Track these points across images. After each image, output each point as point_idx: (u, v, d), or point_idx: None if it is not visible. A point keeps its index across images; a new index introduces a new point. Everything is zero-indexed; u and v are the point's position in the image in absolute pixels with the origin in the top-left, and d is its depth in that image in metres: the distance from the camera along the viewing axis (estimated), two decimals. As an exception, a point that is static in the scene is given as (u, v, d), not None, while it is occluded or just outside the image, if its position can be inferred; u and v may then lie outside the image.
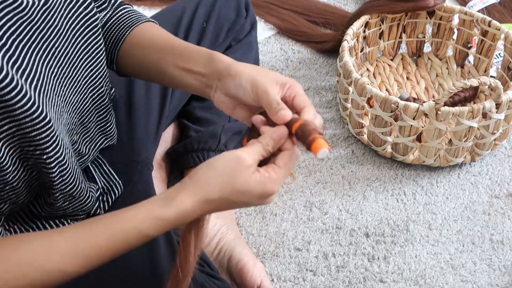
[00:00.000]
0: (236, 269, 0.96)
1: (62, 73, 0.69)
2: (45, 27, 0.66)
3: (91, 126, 0.81)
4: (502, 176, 1.18)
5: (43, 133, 0.63)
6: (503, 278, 1.01)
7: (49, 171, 0.66)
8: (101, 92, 0.79)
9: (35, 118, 0.61)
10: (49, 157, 0.65)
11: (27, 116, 0.61)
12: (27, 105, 0.60)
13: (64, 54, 0.69)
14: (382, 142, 1.17)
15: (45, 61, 0.66)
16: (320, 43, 1.49)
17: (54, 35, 0.67)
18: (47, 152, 0.64)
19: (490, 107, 1.06)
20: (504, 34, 1.25)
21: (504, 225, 1.09)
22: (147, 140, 0.97)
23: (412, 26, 1.39)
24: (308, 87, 1.39)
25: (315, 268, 1.03)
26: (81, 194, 0.74)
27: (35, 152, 0.64)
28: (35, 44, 0.64)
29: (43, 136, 0.63)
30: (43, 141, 0.63)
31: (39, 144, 0.63)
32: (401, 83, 1.37)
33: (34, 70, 0.63)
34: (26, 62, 0.62)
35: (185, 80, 0.75)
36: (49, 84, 0.66)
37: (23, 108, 0.60)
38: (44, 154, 0.64)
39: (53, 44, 0.67)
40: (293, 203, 1.13)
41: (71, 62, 0.71)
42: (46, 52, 0.66)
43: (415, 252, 1.05)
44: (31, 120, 0.61)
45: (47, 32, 0.66)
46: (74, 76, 0.72)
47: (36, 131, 0.62)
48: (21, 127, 0.61)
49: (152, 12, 1.49)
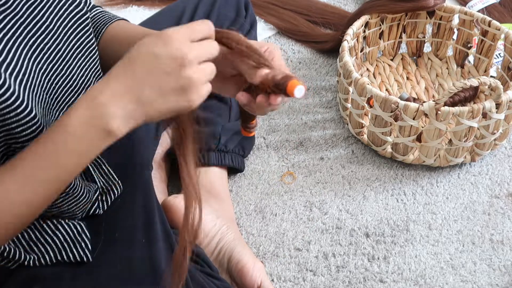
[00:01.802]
0: (236, 269, 0.96)
1: (53, 71, 0.69)
2: (31, 22, 0.65)
3: None
4: (502, 176, 1.18)
5: (29, 128, 0.62)
6: (503, 278, 1.01)
7: None
8: None
9: (20, 113, 0.61)
10: None
11: (12, 111, 0.60)
12: (10, 99, 0.59)
13: (55, 51, 0.69)
14: (382, 142, 1.17)
15: (32, 56, 0.65)
16: (320, 43, 1.49)
17: (42, 31, 0.67)
18: None
19: (490, 107, 1.06)
20: (504, 34, 1.25)
21: (504, 225, 1.09)
22: (147, 140, 0.97)
23: (412, 26, 1.39)
24: (308, 87, 1.39)
25: (315, 268, 1.03)
26: (76, 191, 0.74)
27: (22, 148, 0.63)
28: (20, 38, 0.64)
29: (28, 132, 0.63)
30: (30, 137, 0.63)
31: (26, 140, 0.63)
32: (401, 83, 1.37)
33: (19, 65, 0.63)
34: (11, 57, 0.61)
35: None
36: (37, 80, 0.66)
37: (7, 102, 0.59)
38: None
39: (42, 40, 0.67)
40: (293, 203, 1.13)
41: (63, 60, 0.71)
42: (34, 48, 0.66)
43: (415, 252, 1.05)
44: (16, 115, 0.61)
45: (34, 28, 0.66)
46: (68, 74, 0.72)
47: (21, 126, 0.62)
48: (5, 122, 0.61)
49: (152, 12, 1.49)
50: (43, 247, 0.74)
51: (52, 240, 0.74)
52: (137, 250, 0.76)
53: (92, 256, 0.76)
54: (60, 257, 0.74)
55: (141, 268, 0.74)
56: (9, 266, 0.73)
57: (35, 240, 0.74)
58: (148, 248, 0.76)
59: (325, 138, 1.26)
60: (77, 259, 0.74)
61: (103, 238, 0.77)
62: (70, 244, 0.75)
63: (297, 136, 1.27)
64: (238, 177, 1.18)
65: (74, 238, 0.75)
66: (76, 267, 0.74)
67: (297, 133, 1.28)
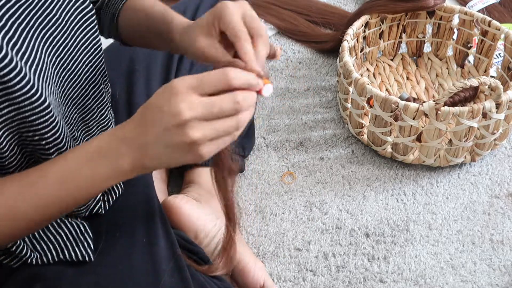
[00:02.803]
0: (237, 269, 0.96)
1: (61, 64, 0.70)
2: (42, 14, 0.66)
3: (93, 125, 0.81)
4: (502, 176, 1.18)
5: (42, 117, 0.63)
6: (503, 278, 1.01)
7: (48, 158, 0.66)
8: (101, 90, 0.80)
9: (34, 101, 0.61)
10: (48, 143, 0.65)
11: (26, 99, 0.60)
12: (26, 87, 0.60)
13: (63, 45, 0.70)
14: (382, 142, 1.17)
15: (44, 48, 0.66)
16: (320, 43, 1.49)
17: (52, 24, 0.68)
18: (46, 137, 0.64)
19: (490, 107, 1.06)
20: (504, 34, 1.25)
21: (504, 225, 1.09)
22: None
23: (412, 26, 1.39)
24: (308, 87, 1.39)
25: (315, 268, 1.03)
26: None
27: (34, 138, 0.64)
28: (33, 29, 0.64)
29: (42, 121, 0.63)
30: (42, 126, 0.63)
31: (38, 129, 0.63)
32: (401, 83, 1.37)
33: (33, 55, 0.63)
34: (25, 46, 0.62)
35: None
36: (48, 72, 0.66)
37: (22, 90, 0.60)
38: (43, 140, 0.64)
39: (51, 33, 0.67)
40: (293, 203, 1.13)
41: (70, 54, 0.71)
42: (45, 40, 0.66)
43: (415, 252, 1.05)
44: (30, 103, 0.61)
45: (45, 20, 0.66)
46: (73, 69, 0.72)
47: (35, 115, 0.62)
48: (20, 111, 0.61)
49: (152, 12, 1.49)
50: (45, 245, 0.74)
51: (55, 238, 0.75)
52: (138, 250, 0.76)
53: (94, 255, 0.76)
54: (62, 256, 0.74)
55: (142, 268, 0.74)
56: (12, 264, 0.73)
57: (38, 238, 0.74)
58: (149, 248, 0.76)
59: (325, 138, 1.26)
60: (79, 258, 0.74)
61: (104, 238, 0.77)
62: (72, 243, 0.75)
63: (297, 136, 1.27)
64: (238, 177, 1.18)
65: (77, 237, 0.75)
66: (78, 266, 0.74)
67: (297, 133, 1.28)
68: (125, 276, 0.73)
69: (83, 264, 0.75)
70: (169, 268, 0.74)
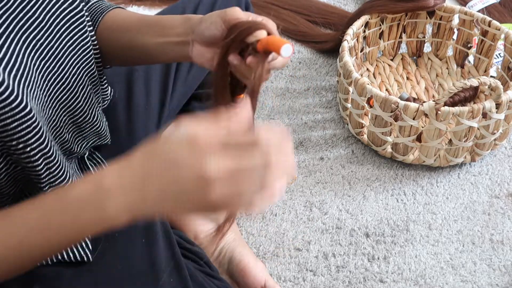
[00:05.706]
0: (237, 270, 0.96)
1: (45, 67, 0.68)
2: (23, 18, 0.65)
3: (86, 127, 0.80)
4: (502, 176, 1.18)
5: (24, 123, 0.62)
6: (503, 278, 1.01)
7: (34, 164, 0.65)
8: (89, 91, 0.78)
9: (14, 107, 0.60)
10: (32, 149, 0.64)
11: (6, 106, 0.59)
12: (4, 93, 0.58)
13: (47, 48, 0.68)
14: (382, 142, 1.17)
15: (26, 52, 0.65)
16: (320, 43, 1.49)
17: (35, 27, 0.66)
18: (30, 143, 0.63)
19: (490, 107, 1.06)
20: (504, 34, 1.25)
21: (504, 225, 1.09)
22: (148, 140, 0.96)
23: (412, 26, 1.39)
24: (308, 87, 1.39)
25: (315, 268, 1.03)
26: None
27: (18, 146, 0.63)
28: (13, 33, 0.63)
29: (24, 127, 0.62)
30: (25, 132, 0.62)
31: (21, 136, 0.62)
32: (401, 83, 1.37)
33: (13, 59, 0.62)
34: (4, 51, 0.61)
35: (164, 47, 0.77)
36: (31, 76, 0.65)
37: (1, 97, 0.58)
38: (28, 146, 0.63)
39: (34, 36, 0.66)
40: (293, 203, 1.13)
41: (56, 57, 0.70)
42: (26, 44, 0.65)
43: (415, 252, 1.05)
44: (11, 110, 0.60)
45: (27, 23, 0.65)
46: (60, 72, 0.71)
47: (16, 121, 0.61)
48: (0, 118, 0.60)
49: (152, 12, 1.50)
50: None
51: None
52: (137, 250, 0.76)
53: (93, 256, 0.76)
54: (60, 257, 0.74)
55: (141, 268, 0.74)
56: None
57: None
58: (148, 248, 0.76)
59: (325, 138, 1.26)
60: (77, 259, 0.74)
61: (103, 238, 0.77)
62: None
63: (297, 136, 1.27)
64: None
65: None
66: (76, 266, 0.74)
67: (297, 133, 1.28)
68: (124, 276, 0.73)
69: (82, 265, 0.75)
70: (168, 268, 0.74)
